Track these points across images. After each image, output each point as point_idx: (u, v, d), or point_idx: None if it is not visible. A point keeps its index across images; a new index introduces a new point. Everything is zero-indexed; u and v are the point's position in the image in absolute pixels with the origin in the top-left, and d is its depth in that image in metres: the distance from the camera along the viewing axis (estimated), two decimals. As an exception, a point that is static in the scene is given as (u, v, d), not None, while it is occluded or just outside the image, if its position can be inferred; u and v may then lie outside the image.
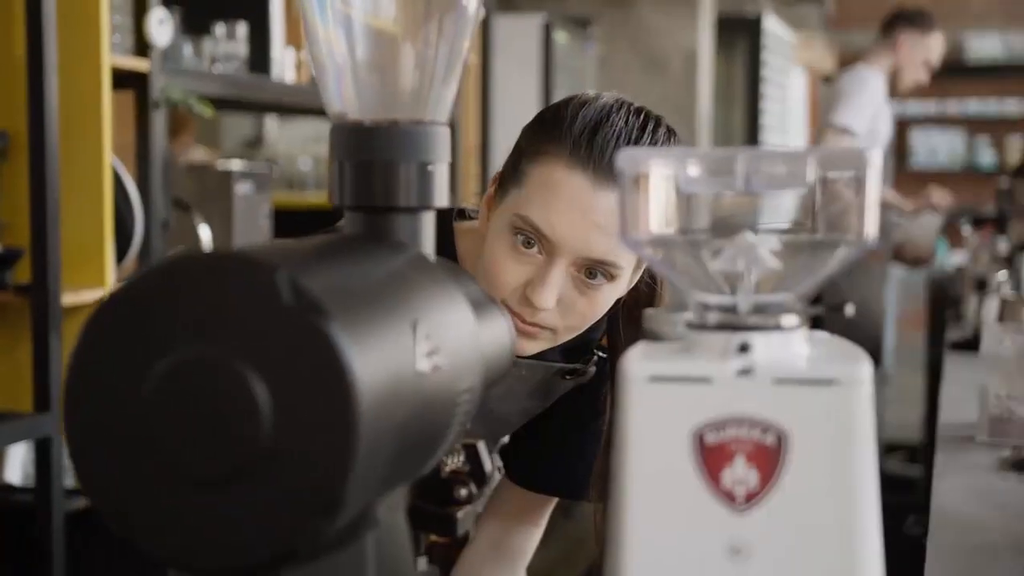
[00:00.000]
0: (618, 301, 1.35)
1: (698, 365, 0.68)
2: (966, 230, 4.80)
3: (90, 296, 2.54)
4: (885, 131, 4.45)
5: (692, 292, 0.73)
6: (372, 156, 0.82)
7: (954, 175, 10.29)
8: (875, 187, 0.69)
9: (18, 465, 2.73)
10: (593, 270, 1.28)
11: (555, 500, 1.57)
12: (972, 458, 1.83)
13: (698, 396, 0.67)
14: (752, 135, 7.70)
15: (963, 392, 2.35)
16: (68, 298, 2.48)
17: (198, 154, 4.60)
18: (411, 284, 0.75)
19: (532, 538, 1.59)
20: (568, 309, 1.29)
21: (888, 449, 5.65)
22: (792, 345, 0.71)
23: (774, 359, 0.68)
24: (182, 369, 0.61)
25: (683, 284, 0.73)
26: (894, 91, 4.46)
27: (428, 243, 0.84)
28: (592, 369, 1.46)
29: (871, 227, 0.70)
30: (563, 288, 1.28)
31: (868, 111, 4.31)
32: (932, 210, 4.65)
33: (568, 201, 1.25)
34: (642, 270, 1.38)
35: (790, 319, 0.71)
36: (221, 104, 3.25)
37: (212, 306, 0.62)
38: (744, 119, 7.70)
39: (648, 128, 1.31)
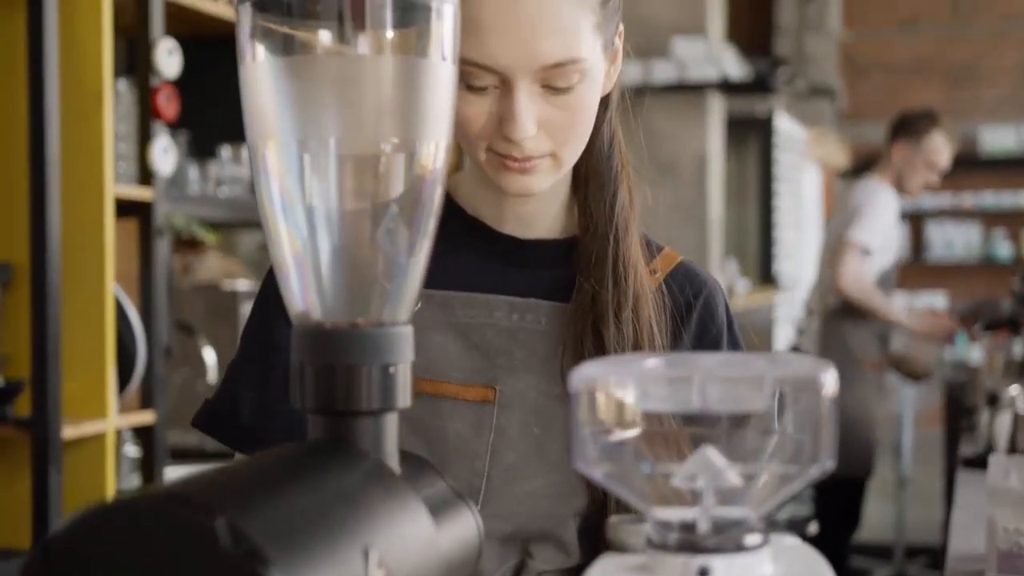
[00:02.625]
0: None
1: (655, 595, 0.66)
2: (980, 333, 4.79)
3: (91, 429, 2.53)
4: (895, 242, 4.50)
5: (650, 509, 0.71)
6: (333, 360, 0.81)
7: (971, 268, 10.28)
8: (830, 411, 0.68)
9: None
10: (557, 77, 1.15)
11: None
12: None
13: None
14: (766, 233, 7.70)
15: (974, 518, 2.31)
16: (69, 431, 2.47)
17: (213, 263, 4.62)
18: (365, 504, 0.74)
19: None
20: (554, 128, 1.18)
21: (909, 554, 5.56)
22: (754, 567, 0.69)
23: (734, 587, 0.66)
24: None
25: (640, 502, 0.72)
26: (903, 193, 4.53)
27: (391, 444, 0.83)
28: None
29: (827, 451, 0.68)
30: (537, 109, 1.16)
31: (881, 226, 4.40)
32: (945, 340, 4.72)
33: (493, 23, 1.13)
34: (619, 61, 1.28)
35: (752, 538, 0.70)
36: (227, 225, 3.27)
37: (148, 555, 0.60)
38: (758, 217, 7.72)
39: None
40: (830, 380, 0.69)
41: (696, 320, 1.30)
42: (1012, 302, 4.43)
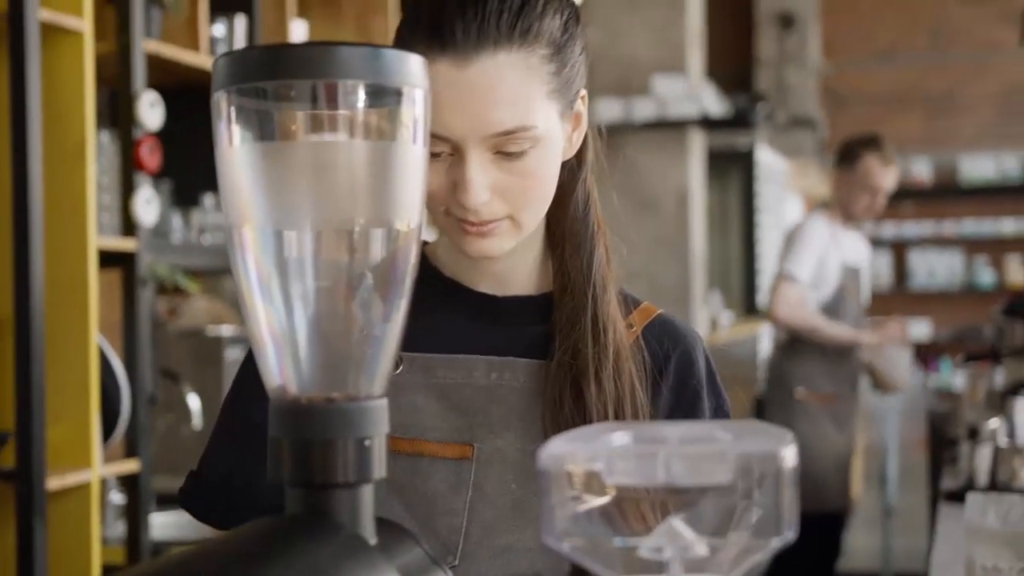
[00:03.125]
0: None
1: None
2: (949, 365, 4.85)
3: (76, 479, 2.54)
4: (834, 274, 4.49)
5: (620, 581, 0.73)
6: (310, 434, 0.83)
7: (953, 295, 10.34)
8: (790, 484, 0.70)
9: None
10: (508, 144, 1.17)
11: None
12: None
13: None
14: (749, 264, 7.75)
15: (954, 554, 2.32)
16: (54, 482, 2.48)
17: (200, 305, 4.63)
18: (341, 580, 0.76)
19: None
20: (508, 192, 1.19)
21: (896, 584, 5.58)
22: (720, 639, 0.71)
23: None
24: None
25: (609, 573, 0.74)
26: (851, 221, 4.57)
27: (367, 515, 0.85)
28: None
29: (788, 523, 0.70)
30: (490, 175, 1.18)
31: (810, 257, 4.41)
32: (897, 342, 4.71)
33: (446, 94, 1.14)
34: (583, 125, 1.28)
35: (719, 610, 0.72)
36: (211, 272, 3.29)
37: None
38: (740, 249, 7.76)
39: None
40: (789, 455, 0.71)
41: (674, 373, 1.32)
42: (993, 332, 4.46)
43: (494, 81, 1.15)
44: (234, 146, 0.83)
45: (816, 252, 4.42)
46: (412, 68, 0.83)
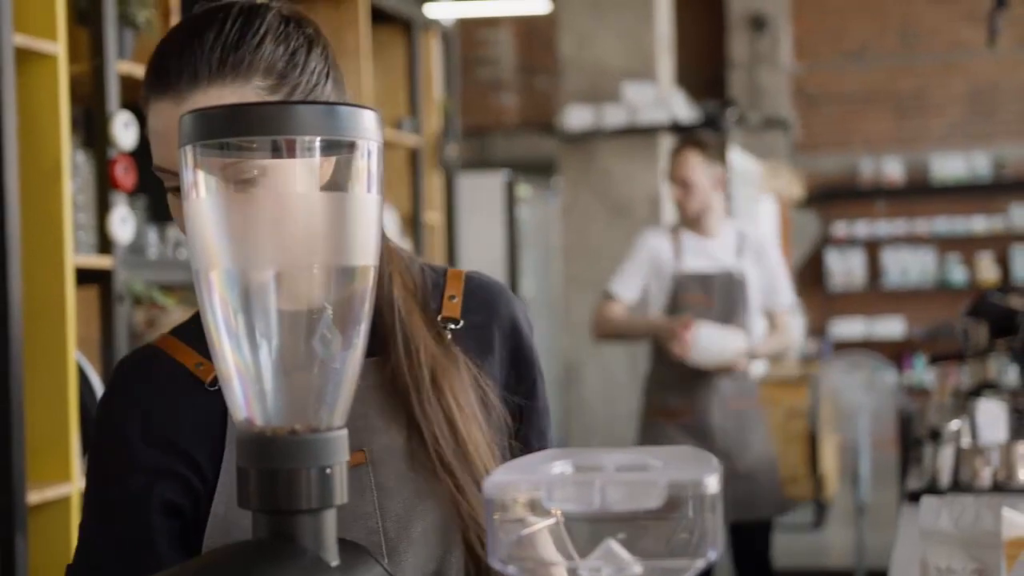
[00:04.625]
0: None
1: None
2: (922, 363, 4.86)
3: (55, 493, 2.59)
4: (663, 287, 4.33)
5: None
6: (275, 464, 0.89)
7: (926, 293, 10.46)
8: (713, 509, 0.77)
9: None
10: (238, 174, 1.17)
11: None
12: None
13: None
14: (722, 266, 7.80)
15: (914, 554, 2.38)
16: (33, 496, 2.53)
17: (177, 316, 4.66)
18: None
19: None
20: None
21: (871, 579, 5.66)
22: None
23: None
24: None
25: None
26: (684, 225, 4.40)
27: (330, 539, 0.91)
28: None
29: (711, 543, 0.77)
30: None
31: (637, 277, 4.33)
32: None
33: (160, 129, 1.21)
34: None
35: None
36: (188, 287, 3.34)
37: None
38: (714, 251, 7.82)
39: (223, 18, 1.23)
40: (713, 481, 0.78)
41: (500, 340, 1.38)
42: (960, 332, 4.52)
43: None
44: (200, 196, 0.89)
45: (643, 269, 4.31)
46: (365, 123, 0.90)
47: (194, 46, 1.21)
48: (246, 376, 0.91)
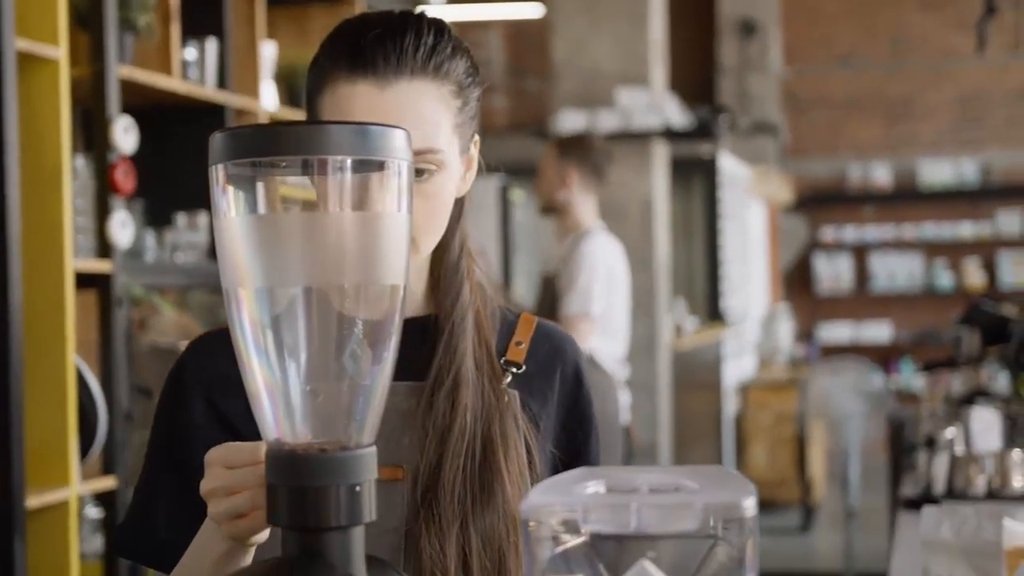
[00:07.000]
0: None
1: None
2: (910, 367, 4.87)
3: (54, 497, 2.58)
4: (619, 299, 4.16)
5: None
6: (305, 482, 0.90)
7: (914, 298, 10.48)
8: (752, 530, 0.77)
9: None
10: (418, 162, 1.23)
11: None
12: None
13: None
14: (712, 270, 7.83)
15: (914, 562, 2.39)
16: (32, 500, 2.52)
17: (168, 318, 4.65)
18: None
19: None
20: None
21: (859, 584, 5.68)
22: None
23: None
24: None
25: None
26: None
27: (358, 555, 0.91)
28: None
29: (751, 566, 0.77)
30: None
31: (597, 287, 4.00)
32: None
33: (361, 111, 1.23)
34: (474, 168, 1.35)
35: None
36: (185, 289, 3.34)
37: None
38: (704, 255, 7.85)
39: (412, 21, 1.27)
40: (750, 504, 0.78)
41: (561, 385, 1.39)
42: (951, 339, 4.54)
43: (410, 103, 1.24)
44: (230, 215, 0.90)
45: (600, 276, 4.03)
46: (395, 142, 0.90)
47: (396, 39, 1.24)
48: (276, 393, 0.92)
